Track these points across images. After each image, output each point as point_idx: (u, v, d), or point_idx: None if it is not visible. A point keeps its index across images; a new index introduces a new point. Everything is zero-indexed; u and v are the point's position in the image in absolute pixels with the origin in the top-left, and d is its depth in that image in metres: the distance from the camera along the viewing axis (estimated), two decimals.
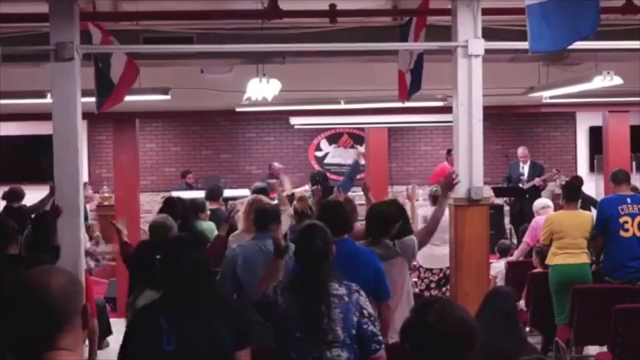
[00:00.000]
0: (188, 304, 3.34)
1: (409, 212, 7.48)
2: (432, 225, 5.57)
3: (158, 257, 3.61)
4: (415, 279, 7.89)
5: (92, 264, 8.09)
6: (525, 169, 11.94)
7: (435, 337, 2.43)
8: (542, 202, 8.78)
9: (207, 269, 3.59)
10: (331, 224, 4.19)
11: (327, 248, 3.87)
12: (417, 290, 7.62)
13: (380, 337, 3.83)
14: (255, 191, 8.18)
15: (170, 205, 7.01)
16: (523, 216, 10.89)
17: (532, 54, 5.65)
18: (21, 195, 9.11)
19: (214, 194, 9.04)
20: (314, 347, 3.71)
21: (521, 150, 12.14)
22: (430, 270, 8.00)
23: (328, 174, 14.38)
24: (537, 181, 11.62)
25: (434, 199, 7.98)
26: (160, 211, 6.90)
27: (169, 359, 3.27)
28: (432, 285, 8.02)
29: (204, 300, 3.39)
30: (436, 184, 9.06)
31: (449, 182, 5.71)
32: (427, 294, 7.79)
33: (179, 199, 7.80)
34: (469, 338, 2.47)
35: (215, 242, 6.12)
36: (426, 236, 5.57)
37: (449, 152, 12.07)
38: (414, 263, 7.27)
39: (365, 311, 3.79)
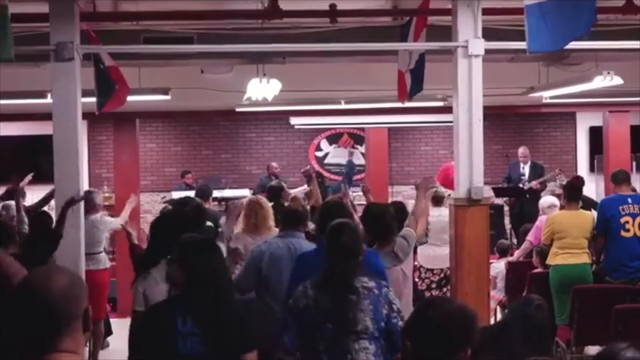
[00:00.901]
0: (208, 306, 3.28)
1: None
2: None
3: (173, 257, 3.58)
4: (416, 279, 7.89)
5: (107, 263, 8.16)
6: (526, 169, 11.89)
7: (434, 329, 2.46)
8: (549, 200, 8.56)
9: (227, 270, 3.61)
10: None
11: (356, 246, 3.88)
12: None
13: None
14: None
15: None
16: (523, 216, 10.86)
17: (531, 54, 5.65)
18: (22, 195, 9.08)
19: (203, 194, 9.02)
20: (343, 337, 3.71)
21: (522, 150, 12.10)
22: (431, 270, 8.01)
23: (328, 174, 14.41)
24: (534, 184, 11.60)
25: (435, 200, 7.99)
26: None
27: None
28: (433, 285, 8.02)
29: (222, 303, 3.34)
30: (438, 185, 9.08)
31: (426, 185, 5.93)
32: (427, 294, 7.80)
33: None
34: (467, 330, 2.49)
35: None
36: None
37: None
38: (415, 263, 7.28)
39: (394, 306, 3.80)
